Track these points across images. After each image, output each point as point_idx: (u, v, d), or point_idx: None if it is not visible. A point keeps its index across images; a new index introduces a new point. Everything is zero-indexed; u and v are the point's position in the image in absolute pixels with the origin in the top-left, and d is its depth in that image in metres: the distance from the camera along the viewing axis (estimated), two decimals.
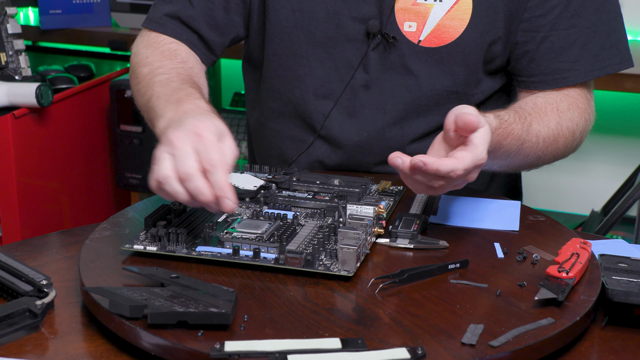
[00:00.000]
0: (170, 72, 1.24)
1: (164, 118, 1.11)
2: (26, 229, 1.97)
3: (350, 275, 0.98)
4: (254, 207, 1.16)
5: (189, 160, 0.97)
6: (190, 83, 1.21)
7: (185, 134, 0.99)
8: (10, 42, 1.97)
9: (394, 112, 1.32)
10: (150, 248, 1.03)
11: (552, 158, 1.31)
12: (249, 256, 1.01)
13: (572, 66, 1.29)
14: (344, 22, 1.30)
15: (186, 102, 1.12)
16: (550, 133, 1.26)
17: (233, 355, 0.82)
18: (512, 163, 1.25)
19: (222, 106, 2.64)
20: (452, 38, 1.28)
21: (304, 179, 1.23)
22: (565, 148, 1.31)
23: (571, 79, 1.30)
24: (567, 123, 1.29)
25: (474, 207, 1.20)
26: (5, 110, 1.89)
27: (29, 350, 0.89)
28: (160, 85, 1.21)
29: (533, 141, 1.24)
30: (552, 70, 1.30)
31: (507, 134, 1.17)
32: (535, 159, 1.28)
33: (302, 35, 1.32)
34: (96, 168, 2.26)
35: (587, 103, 1.33)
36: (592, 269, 1.01)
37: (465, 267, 1.02)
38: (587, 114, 1.33)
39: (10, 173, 1.92)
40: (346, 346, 0.84)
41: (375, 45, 1.30)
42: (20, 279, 0.97)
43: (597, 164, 2.56)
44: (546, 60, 1.29)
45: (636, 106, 2.49)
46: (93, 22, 2.44)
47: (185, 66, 1.29)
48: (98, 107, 2.23)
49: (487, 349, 0.84)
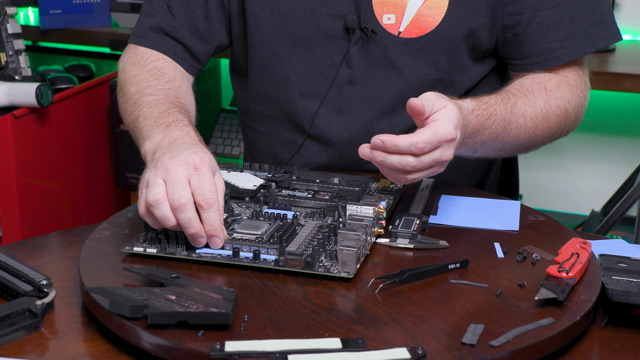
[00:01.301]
0: (158, 94, 1.26)
1: (151, 140, 1.12)
2: (26, 229, 1.97)
3: (350, 277, 0.98)
4: (253, 206, 1.16)
5: (183, 191, 0.99)
6: (178, 107, 1.23)
7: (182, 163, 1.01)
8: (10, 42, 1.97)
9: (381, 105, 1.33)
10: (150, 250, 1.03)
11: (546, 137, 1.31)
12: (248, 258, 1.01)
13: (562, 44, 1.29)
14: (322, 20, 1.30)
15: (175, 128, 1.14)
16: (539, 112, 1.27)
17: (233, 356, 0.82)
18: (505, 145, 1.26)
19: (222, 106, 2.64)
20: (431, 27, 1.28)
21: (303, 177, 1.23)
22: (558, 126, 1.30)
23: (562, 58, 1.30)
24: (557, 101, 1.29)
25: (473, 207, 1.20)
26: (5, 110, 1.89)
27: (29, 350, 0.89)
28: (148, 106, 1.22)
29: (520, 121, 1.24)
30: (543, 50, 1.29)
31: (488, 114, 1.19)
32: (527, 139, 1.27)
33: (283, 36, 1.33)
34: (96, 168, 2.26)
35: (579, 80, 1.33)
36: (592, 268, 1.01)
37: (465, 267, 1.02)
38: (580, 90, 1.33)
39: (10, 173, 1.92)
40: (346, 346, 0.84)
41: (356, 40, 1.30)
42: (20, 279, 0.97)
43: (597, 164, 2.56)
44: (535, 41, 1.29)
45: (636, 106, 2.49)
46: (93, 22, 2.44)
47: (173, 86, 1.30)
48: (98, 107, 2.23)
49: (488, 349, 0.84)
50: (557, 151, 2.57)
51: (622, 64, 2.17)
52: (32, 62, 2.15)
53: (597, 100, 2.50)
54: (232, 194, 1.16)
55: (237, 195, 1.17)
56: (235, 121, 2.55)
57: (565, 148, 2.57)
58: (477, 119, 1.16)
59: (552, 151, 2.56)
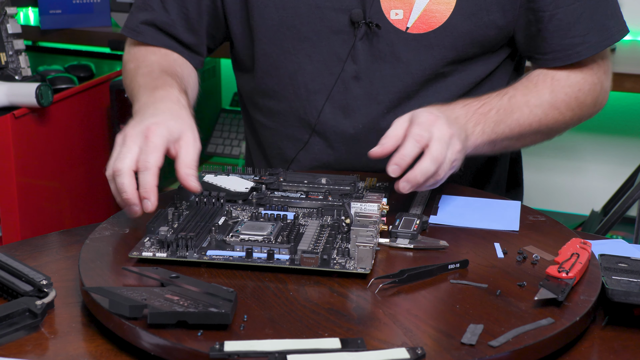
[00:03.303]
0: (153, 65, 1.32)
1: (139, 102, 1.19)
2: (26, 229, 1.97)
3: (367, 272, 0.98)
4: (249, 209, 1.16)
5: (126, 159, 1.05)
6: (169, 72, 1.28)
7: (137, 132, 1.07)
8: (10, 42, 1.97)
9: (387, 101, 1.33)
10: (160, 254, 1.02)
11: (560, 124, 1.32)
12: (262, 258, 1.01)
13: (584, 39, 1.30)
14: (327, 15, 1.30)
15: (161, 89, 1.20)
16: (544, 100, 1.29)
17: (232, 355, 0.82)
18: (513, 133, 1.27)
19: (222, 106, 2.64)
20: (439, 23, 1.28)
21: (290, 179, 1.23)
22: (571, 112, 1.32)
23: (584, 53, 1.31)
24: (565, 89, 1.31)
25: (474, 207, 1.20)
26: (5, 110, 1.89)
27: (29, 350, 0.89)
28: (143, 76, 1.28)
29: (525, 110, 1.27)
30: (564, 46, 1.30)
31: (481, 104, 1.23)
32: (539, 126, 1.29)
33: (288, 31, 1.33)
34: (96, 168, 2.26)
35: (595, 66, 1.34)
36: (592, 269, 1.01)
37: (465, 267, 1.02)
38: (596, 76, 1.34)
39: (10, 173, 1.92)
40: (346, 346, 0.84)
41: (362, 35, 1.30)
42: (20, 279, 0.97)
43: (597, 164, 2.56)
44: (556, 37, 1.30)
45: (636, 106, 2.48)
46: (93, 22, 2.44)
47: (169, 58, 1.36)
48: (98, 107, 2.23)
49: (487, 349, 0.84)
50: (557, 151, 2.57)
51: (622, 64, 2.17)
52: (32, 62, 2.15)
53: None
54: (225, 198, 1.16)
55: (230, 198, 1.17)
56: (235, 121, 2.55)
57: (565, 148, 2.57)
58: (466, 108, 1.20)
59: (552, 151, 2.56)
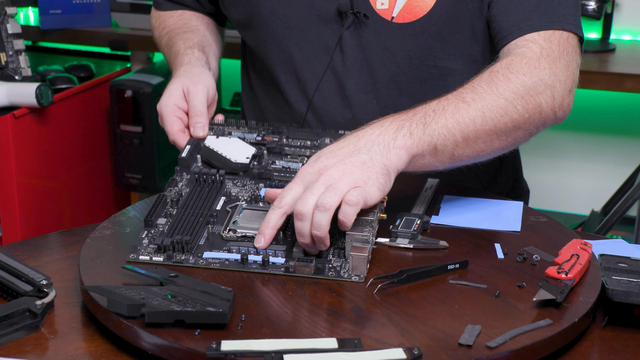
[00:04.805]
0: (170, 27, 1.48)
1: (173, 71, 1.39)
2: (26, 229, 1.97)
3: (361, 280, 0.98)
4: (249, 184, 1.15)
5: (166, 106, 1.28)
6: (187, 29, 1.45)
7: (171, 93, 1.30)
8: (10, 42, 1.97)
9: (375, 91, 1.33)
10: (156, 258, 1.02)
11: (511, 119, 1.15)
12: (257, 262, 1.01)
13: (529, 15, 1.23)
14: (316, 4, 1.31)
15: (184, 55, 1.38)
16: (482, 92, 1.14)
17: (229, 355, 0.82)
18: (453, 133, 1.10)
19: (222, 106, 2.64)
20: (423, 12, 1.28)
21: (293, 136, 1.23)
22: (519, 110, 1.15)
23: (526, 29, 1.22)
24: (507, 82, 1.15)
25: (476, 207, 1.20)
26: (5, 110, 1.90)
27: (29, 350, 0.89)
28: (166, 41, 1.48)
29: (462, 106, 1.11)
30: (510, 23, 1.23)
31: (410, 110, 1.10)
32: (482, 121, 1.12)
33: (278, 20, 1.34)
34: (96, 168, 2.26)
35: (545, 61, 1.20)
36: (592, 270, 1.01)
37: (465, 267, 1.02)
38: (547, 72, 1.18)
39: (10, 173, 1.92)
40: (342, 346, 0.84)
41: (349, 25, 1.31)
42: (20, 279, 0.97)
43: (597, 164, 2.56)
44: (504, 13, 1.24)
45: (636, 106, 2.49)
46: (93, 22, 2.44)
47: (183, 17, 1.49)
48: (98, 107, 2.24)
49: (484, 350, 0.84)
50: (557, 151, 2.57)
51: (622, 64, 2.17)
52: (32, 62, 2.16)
53: (597, 100, 2.50)
54: (225, 170, 1.16)
55: (230, 171, 1.17)
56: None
57: (565, 148, 2.57)
58: (393, 117, 1.09)
59: (553, 151, 2.56)
